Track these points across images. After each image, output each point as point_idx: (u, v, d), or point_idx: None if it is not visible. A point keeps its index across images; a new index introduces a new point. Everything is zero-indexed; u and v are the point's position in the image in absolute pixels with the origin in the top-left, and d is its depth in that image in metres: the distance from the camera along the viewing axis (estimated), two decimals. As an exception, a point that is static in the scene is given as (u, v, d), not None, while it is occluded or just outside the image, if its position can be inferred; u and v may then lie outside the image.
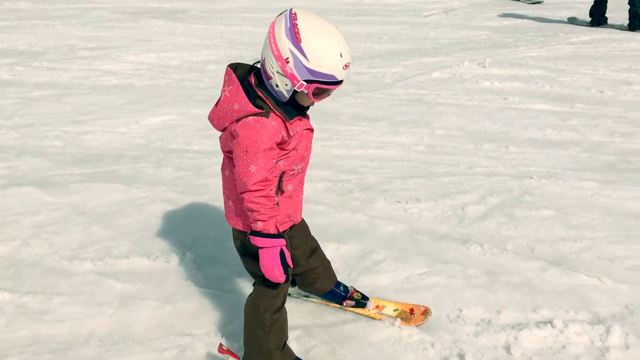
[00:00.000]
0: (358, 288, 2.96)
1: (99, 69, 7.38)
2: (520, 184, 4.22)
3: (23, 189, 4.17)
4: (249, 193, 2.15)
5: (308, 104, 2.23)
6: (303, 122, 2.27)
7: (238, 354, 2.50)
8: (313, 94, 2.13)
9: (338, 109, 5.89)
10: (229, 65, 2.23)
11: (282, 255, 2.21)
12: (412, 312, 2.83)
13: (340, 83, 2.14)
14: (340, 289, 2.86)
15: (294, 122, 2.21)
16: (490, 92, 6.47)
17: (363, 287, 3.02)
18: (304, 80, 2.08)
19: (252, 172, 2.14)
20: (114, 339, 2.74)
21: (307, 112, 2.29)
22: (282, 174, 2.28)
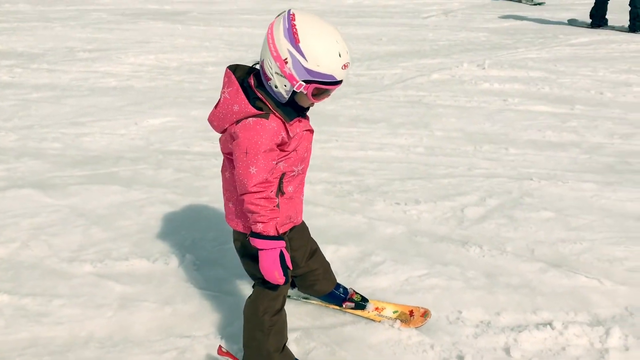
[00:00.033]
0: (357, 290, 2.96)
1: (98, 71, 7.38)
2: (520, 186, 4.22)
3: (22, 191, 4.17)
4: (249, 195, 2.15)
5: (308, 105, 2.23)
6: (303, 123, 2.27)
7: (237, 356, 2.50)
8: (312, 95, 2.13)
9: (337, 111, 5.89)
10: (229, 67, 2.23)
11: (281, 257, 2.21)
12: (411, 313, 2.83)
13: (340, 83, 2.13)
14: (340, 291, 2.86)
15: (294, 123, 2.21)
16: (490, 93, 6.47)
17: (362, 288, 3.02)
18: (303, 81, 2.08)
19: (252, 173, 2.14)
20: (114, 341, 2.74)
21: (307, 113, 2.29)
22: (282, 176, 2.28)
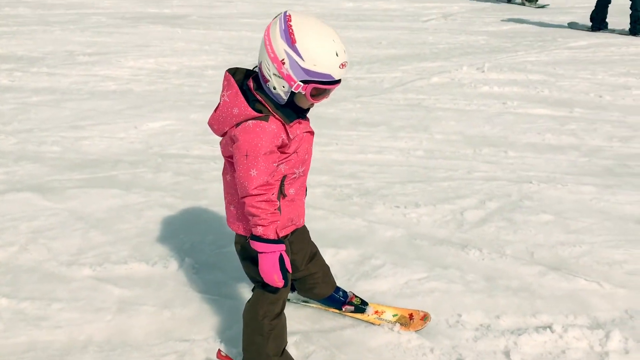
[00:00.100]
0: (357, 293, 2.95)
1: (98, 75, 7.38)
2: (519, 189, 4.22)
3: (21, 195, 4.16)
4: (250, 197, 2.15)
5: (307, 106, 2.22)
6: (303, 124, 2.26)
7: (236, 360, 2.50)
8: (311, 95, 2.12)
9: (337, 114, 5.89)
10: (228, 70, 2.23)
11: (281, 261, 2.21)
12: (411, 317, 2.82)
13: (338, 83, 2.13)
14: (340, 294, 2.85)
15: (294, 125, 2.21)
16: (489, 96, 6.47)
17: (362, 292, 3.02)
18: (301, 81, 2.08)
19: (252, 176, 2.13)
20: (112, 345, 2.73)
21: (307, 114, 2.28)
22: (283, 178, 2.28)
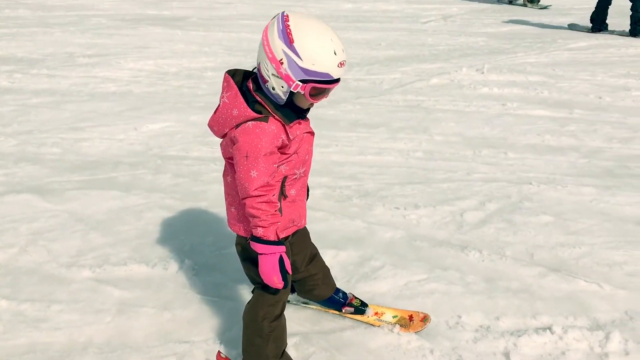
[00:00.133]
0: (357, 294, 2.95)
1: (98, 76, 7.37)
2: (519, 190, 4.22)
3: (21, 196, 4.16)
4: (251, 199, 2.15)
5: (307, 106, 2.21)
6: (303, 125, 2.25)
7: (236, 361, 2.50)
8: (310, 95, 2.12)
9: (337, 116, 5.89)
10: (227, 72, 2.23)
11: (281, 262, 2.20)
12: (411, 318, 2.82)
13: (337, 82, 2.12)
14: (339, 296, 2.85)
15: (294, 125, 2.20)
16: (489, 98, 6.47)
17: (362, 293, 3.02)
18: (299, 81, 2.07)
19: (253, 177, 2.13)
20: (112, 347, 2.73)
21: (307, 115, 2.28)
22: (284, 179, 2.28)
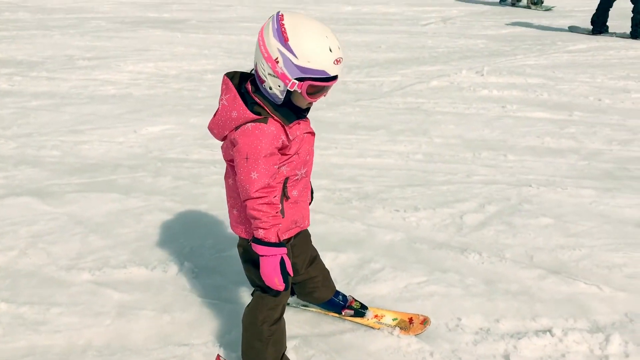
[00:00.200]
0: (357, 297, 2.95)
1: (98, 79, 7.38)
2: (519, 192, 4.22)
3: (20, 199, 4.16)
4: (252, 200, 2.15)
5: (305, 106, 2.20)
6: (303, 125, 2.25)
7: (236, 364, 2.49)
8: (308, 93, 2.10)
9: (336, 118, 5.89)
10: (226, 74, 2.22)
11: (282, 264, 2.20)
12: (411, 321, 2.82)
13: (334, 79, 2.11)
14: (339, 298, 2.85)
15: (293, 126, 2.19)
16: (489, 100, 6.48)
17: (361, 296, 3.02)
18: (296, 79, 2.06)
19: (253, 179, 2.13)
20: (112, 349, 2.73)
21: (307, 115, 2.27)
22: (285, 180, 2.27)
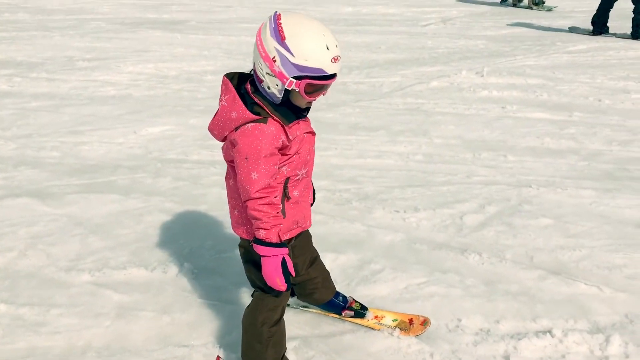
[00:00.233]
0: (356, 298, 2.95)
1: (97, 80, 7.38)
2: (519, 193, 4.22)
3: (20, 200, 4.16)
4: (252, 201, 2.14)
5: (304, 105, 2.19)
6: (303, 125, 2.24)
7: (236, 365, 2.49)
8: (306, 92, 2.10)
9: (336, 119, 5.89)
10: (226, 75, 2.22)
11: (284, 264, 2.20)
12: (411, 322, 2.81)
13: (332, 78, 2.10)
14: (339, 299, 2.84)
15: (293, 125, 2.19)
16: (488, 101, 6.47)
17: (361, 297, 3.01)
18: (293, 77, 2.06)
19: (253, 179, 2.12)
20: (111, 351, 2.72)
21: (307, 115, 2.27)
22: (286, 180, 2.26)
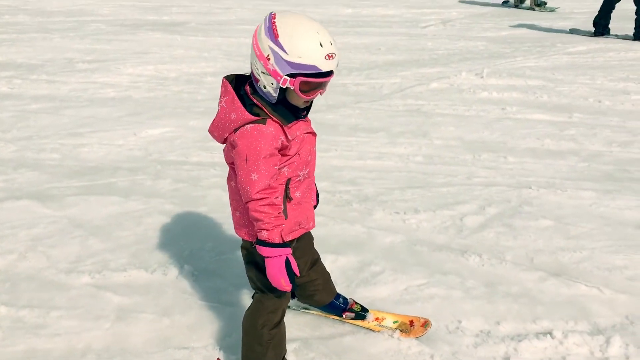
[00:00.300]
0: (357, 300, 2.94)
1: (97, 82, 7.38)
2: (519, 194, 4.21)
3: (20, 202, 4.16)
4: (253, 202, 2.14)
5: (302, 104, 2.18)
6: (303, 125, 2.24)
7: (236, 367, 2.49)
8: (301, 91, 2.09)
9: (336, 120, 5.89)
10: (225, 77, 2.22)
11: (287, 264, 2.20)
12: (412, 323, 2.81)
13: (328, 75, 2.09)
14: (340, 301, 2.84)
15: (293, 126, 2.18)
16: (488, 102, 6.47)
17: (362, 298, 3.01)
18: (287, 75, 2.05)
19: (254, 180, 2.12)
20: (111, 353, 2.72)
21: (307, 115, 2.26)
22: (288, 181, 2.26)
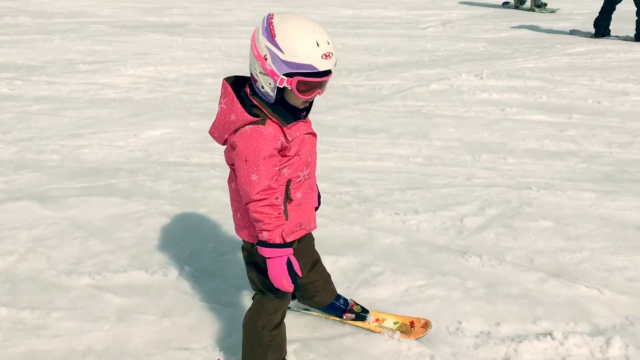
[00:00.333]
0: (357, 301, 2.94)
1: (98, 83, 7.39)
2: (519, 195, 4.22)
3: (20, 203, 4.16)
4: (253, 203, 2.14)
5: (301, 104, 2.18)
6: (303, 126, 2.23)
7: (236, 368, 2.49)
8: (299, 90, 2.09)
9: (336, 121, 5.90)
10: (225, 79, 2.23)
11: (289, 265, 2.20)
12: (412, 324, 2.81)
13: (325, 75, 2.09)
14: (340, 302, 2.84)
15: (292, 126, 2.19)
16: (488, 103, 6.48)
17: (362, 299, 3.01)
18: (284, 75, 2.05)
19: (253, 181, 2.13)
20: (112, 354, 2.72)
21: (307, 116, 2.26)
22: (288, 182, 2.26)
